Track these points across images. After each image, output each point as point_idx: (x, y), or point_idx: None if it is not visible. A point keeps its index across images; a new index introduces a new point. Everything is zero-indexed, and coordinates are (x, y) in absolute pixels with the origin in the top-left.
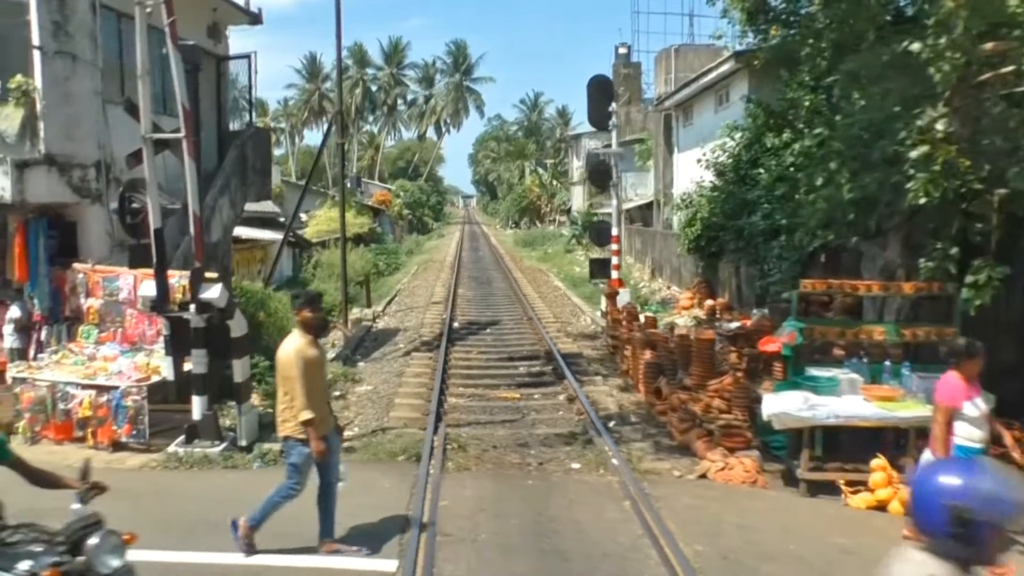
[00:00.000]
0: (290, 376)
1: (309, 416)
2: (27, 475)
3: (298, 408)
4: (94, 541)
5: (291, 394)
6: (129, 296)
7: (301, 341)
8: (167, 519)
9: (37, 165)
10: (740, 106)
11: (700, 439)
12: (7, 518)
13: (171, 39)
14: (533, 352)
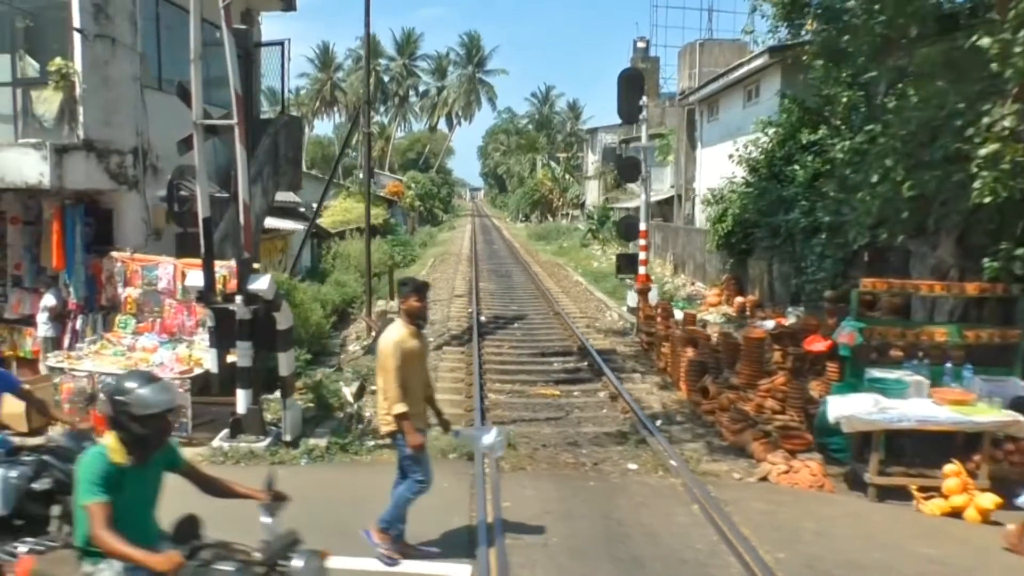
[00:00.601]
0: (386, 367)
1: (403, 409)
2: (199, 483)
3: (391, 401)
4: (298, 564)
5: (387, 386)
6: (168, 286)
7: (404, 331)
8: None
9: (76, 150)
10: (771, 101)
11: (756, 440)
12: (205, 536)
13: (225, 23)
14: (565, 348)
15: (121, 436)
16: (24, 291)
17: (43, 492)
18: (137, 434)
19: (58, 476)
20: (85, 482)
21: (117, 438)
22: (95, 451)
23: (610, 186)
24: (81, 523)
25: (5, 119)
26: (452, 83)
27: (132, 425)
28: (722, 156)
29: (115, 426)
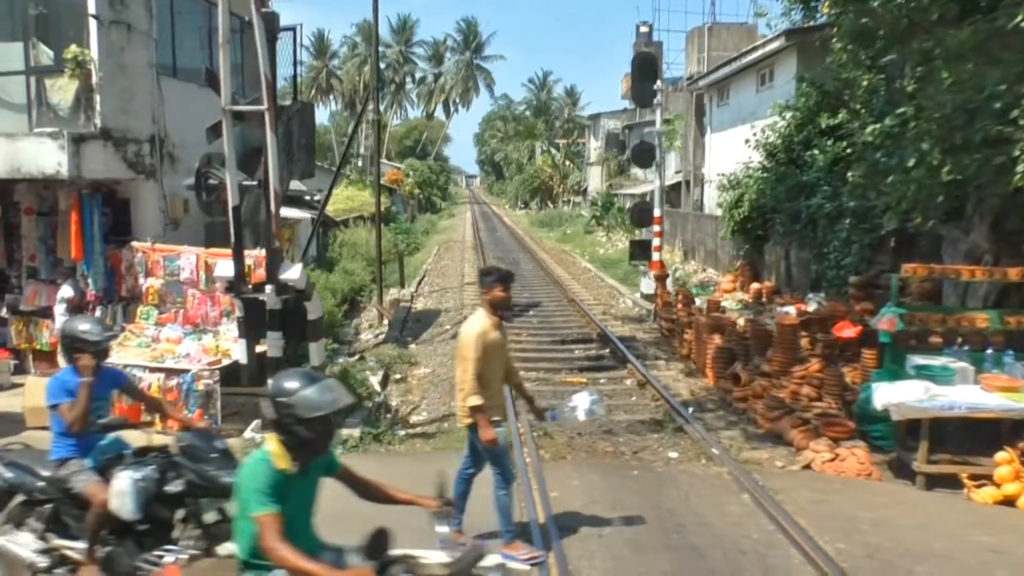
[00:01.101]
0: (466, 357)
1: (478, 402)
2: (356, 488)
3: (467, 392)
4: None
5: (464, 376)
6: (191, 276)
7: (486, 322)
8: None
9: (93, 139)
10: (786, 85)
11: (795, 428)
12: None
13: (255, 6)
14: (584, 335)
15: (285, 440)
16: (40, 283)
17: (173, 495)
18: (303, 438)
19: (190, 478)
20: (253, 491)
21: (280, 443)
22: (259, 458)
23: (613, 172)
24: (245, 534)
25: (18, 108)
26: (449, 69)
27: (298, 429)
28: (733, 141)
29: (279, 430)
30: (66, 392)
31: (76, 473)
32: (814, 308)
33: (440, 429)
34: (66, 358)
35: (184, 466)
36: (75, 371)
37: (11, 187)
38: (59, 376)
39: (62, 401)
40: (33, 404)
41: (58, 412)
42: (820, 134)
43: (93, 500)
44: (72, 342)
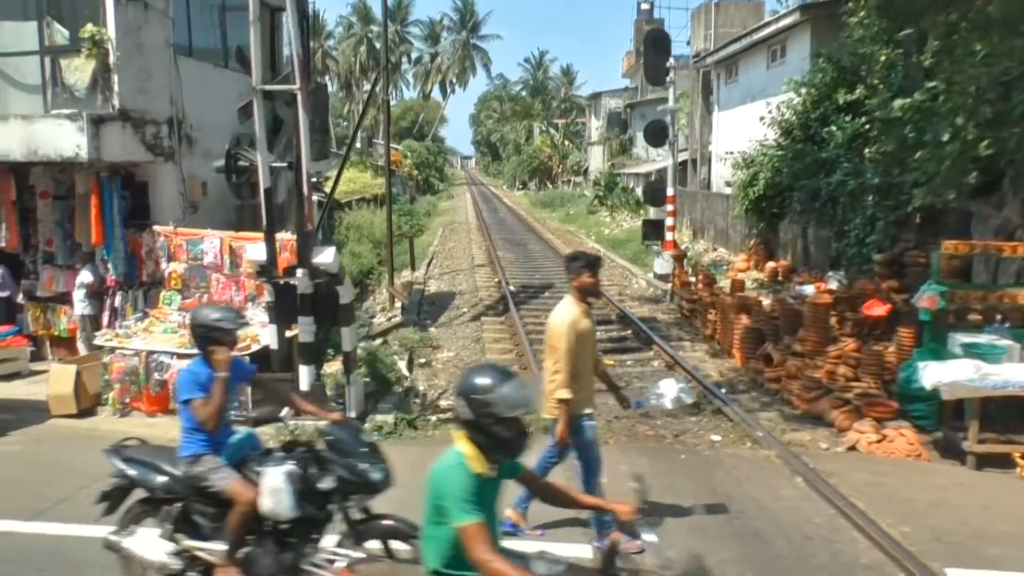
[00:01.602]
0: (559, 348)
1: (567, 396)
2: (538, 490)
3: (558, 384)
4: None
5: (557, 368)
6: (215, 260)
7: (576, 310)
8: None
9: (112, 121)
10: (798, 62)
11: (836, 409)
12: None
13: None
14: (603, 316)
15: (480, 442)
16: (56, 268)
17: (323, 493)
18: (501, 439)
19: (340, 474)
20: (454, 499)
21: (473, 444)
22: (453, 462)
23: (615, 152)
24: (439, 544)
25: (33, 89)
26: (446, 49)
27: (497, 429)
28: (742, 119)
29: (475, 430)
30: (198, 387)
31: (214, 470)
32: (835, 287)
33: None
34: (200, 349)
35: (333, 461)
36: (205, 363)
37: (26, 170)
38: (190, 369)
39: (195, 396)
40: (57, 392)
41: (190, 408)
42: (837, 110)
43: (237, 499)
44: (207, 332)
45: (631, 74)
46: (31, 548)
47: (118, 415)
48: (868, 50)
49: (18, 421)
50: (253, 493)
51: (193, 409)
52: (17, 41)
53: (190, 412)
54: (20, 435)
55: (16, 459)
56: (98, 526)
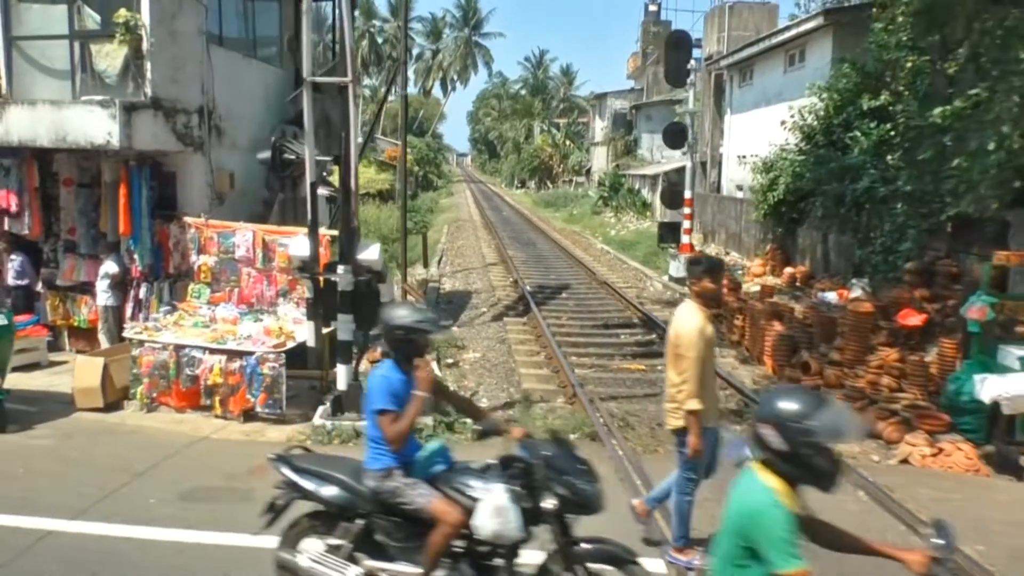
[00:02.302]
0: (688, 356)
1: (697, 407)
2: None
3: (687, 394)
4: None
5: (685, 377)
6: (247, 254)
7: (701, 316)
8: None
9: (144, 109)
10: (815, 66)
11: (883, 420)
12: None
13: None
14: (625, 319)
15: (790, 474)
16: (78, 257)
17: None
18: (819, 471)
19: (561, 492)
20: (779, 543)
21: (780, 477)
22: (767, 499)
23: (620, 153)
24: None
25: (60, 74)
26: (448, 46)
27: (817, 460)
28: (756, 122)
29: (788, 461)
30: (392, 398)
31: (411, 486)
32: (859, 294)
33: (507, 417)
34: (395, 353)
35: (551, 479)
36: (398, 368)
37: (49, 157)
38: (385, 375)
39: (388, 408)
40: (84, 385)
41: (378, 421)
42: (861, 116)
43: (443, 518)
44: (407, 334)
45: (636, 75)
46: (79, 548)
47: (145, 410)
48: (894, 56)
49: (42, 414)
50: (459, 512)
51: (381, 424)
52: (44, 25)
53: (377, 423)
54: (47, 428)
55: (48, 454)
56: (148, 528)
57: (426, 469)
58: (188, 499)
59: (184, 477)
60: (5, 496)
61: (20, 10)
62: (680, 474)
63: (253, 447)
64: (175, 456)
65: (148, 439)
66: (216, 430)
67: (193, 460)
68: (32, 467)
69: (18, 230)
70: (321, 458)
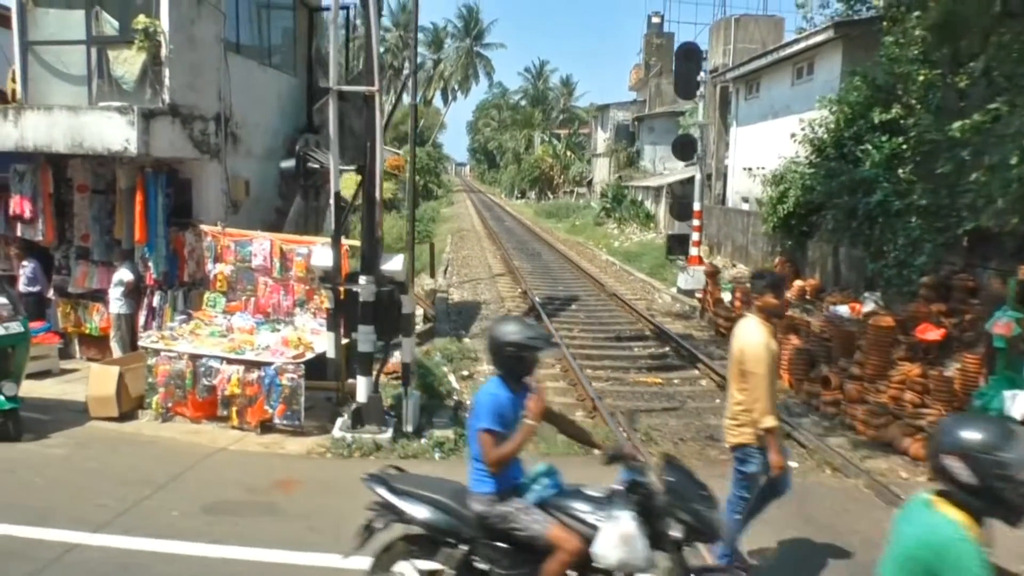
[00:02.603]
0: (757, 372)
1: (773, 423)
2: None
3: (760, 412)
4: None
5: (755, 393)
6: (264, 263)
7: (766, 331)
8: None
9: (162, 116)
10: (824, 79)
11: (908, 437)
12: None
13: None
14: (637, 332)
15: (976, 508)
16: (91, 264)
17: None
18: (1012, 506)
19: (687, 520)
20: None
21: (964, 510)
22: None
23: (622, 164)
24: None
25: (76, 80)
26: (449, 56)
27: (1010, 495)
28: (762, 135)
29: (975, 495)
30: (498, 419)
31: (525, 512)
32: (871, 308)
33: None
34: (504, 371)
35: (676, 506)
36: (506, 386)
37: (63, 163)
38: (493, 392)
39: (493, 429)
40: (98, 393)
41: (481, 439)
42: (872, 129)
43: (562, 546)
44: (519, 351)
45: (638, 87)
46: (104, 562)
47: (160, 420)
48: (905, 69)
49: (56, 422)
50: (578, 540)
51: (483, 442)
52: (61, 30)
53: (479, 441)
54: (62, 437)
55: (65, 463)
56: (173, 541)
57: (535, 493)
58: (212, 512)
59: (206, 489)
60: (25, 507)
61: (37, 15)
62: (734, 492)
63: (273, 459)
64: (195, 468)
65: (166, 450)
66: (233, 441)
67: (213, 472)
68: (50, 477)
69: (31, 236)
70: (419, 478)
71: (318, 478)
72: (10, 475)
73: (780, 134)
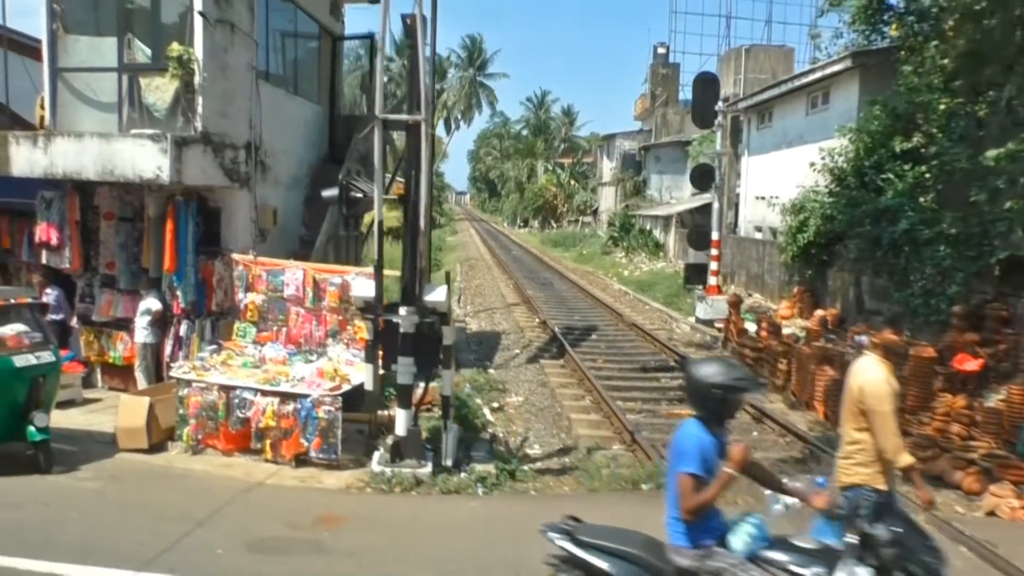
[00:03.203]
0: (881, 411)
1: (910, 460)
2: None
3: (893, 451)
4: None
5: (881, 433)
6: (297, 293)
7: (885, 369)
8: (465, 562)
9: (194, 144)
10: (841, 108)
11: (960, 470)
12: None
13: (419, 7)
14: (661, 362)
15: None
16: (115, 292)
17: None
18: None
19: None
20: None
21: None
22: None
23: (629, 193)
24: None
25: (105, 107)
26: (452, 86)
27: None
28: (775, 164)
29: None
30: (702, 463)
31: (741, 568)
32: None
33: (563, 465)
34: (707, 413)
35: (906, 559)
36: (707, 429)
37: (90, 190)
38: (697, 434)
39: (697, 473)
40: (128, 424)
41: (680, 482)
42: (893, 158)
43: None
44: (726, 394)
45: (644, 117)
46: None
47: (190, 452)
48: (925, 98)
49: (84, 454)
50: None
51: (683, 485)
52: (92, 57)
53: (678, 484)
54: (92, 470)
55: (99, 498)
56: None
57: (745, 546)
58: (257, 550)
59: (247, 526)
60: (65, 543)
61: (67, 42)
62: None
63: (311, 494)
64: (232, 503)
65: (200, 484)
66: (269, 475)
67: (253, 507)
68: (86, 512)
69: (57, 264)
70: (602, 529)
71: (361, 514)
72: (44, 509)
73: (794, 163)
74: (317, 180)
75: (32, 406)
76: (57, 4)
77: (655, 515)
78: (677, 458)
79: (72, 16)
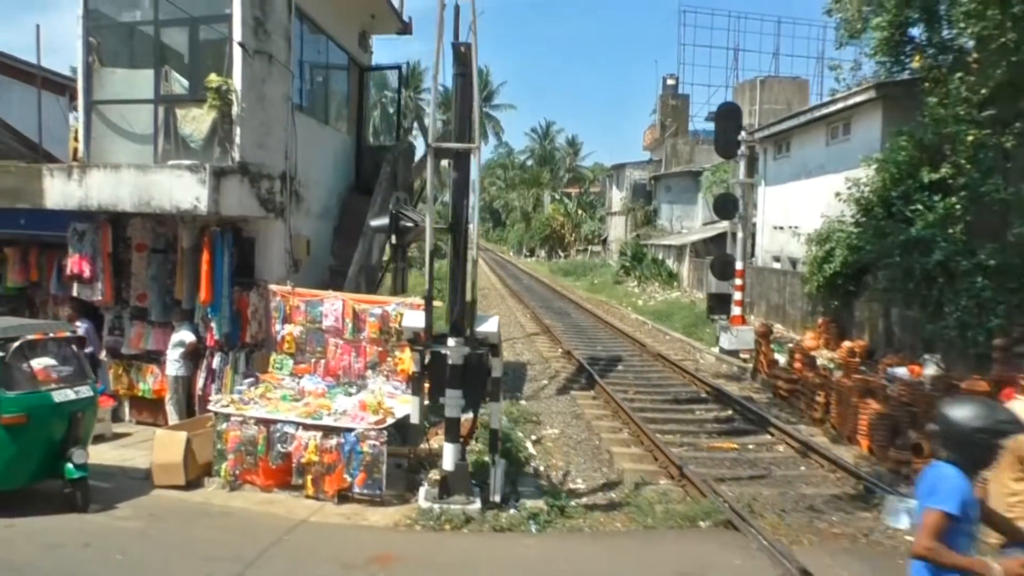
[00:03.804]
0: None
1: None
2: None
3: None
4: None
5: None
6: (336, 324)
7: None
8: None
9: (232, 174)
10: (864, 139)
11: None
12: None
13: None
14: (693, 394)
15: None
16: (147, 324)
17: None
18: None
19: None
20: None
21: None
22: None
23: (639, 222)
24: None
25: (140, 139)
26: None
27: None
28: (794, 194)
29: None
30: (959, 503)
31: None
32: (933, 371)
33: (611, 500)
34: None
35: None
36: (964, 474)
37: (123, 221)
38: (957, 477)
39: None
40: (164, 460)
41: (928, 519)
42: (920, 188)
43: None
44: (990, 438)
45: (653, 147)
46: None
47: (228, 488)
48: (953, 130)
49: (119, 491)
50: None
51: (930, 521)
52: (127, 89)
53: (924, 521)
54: (130, 508)
55: (142, 538)
56: None
57: None
58: None
59: (300, 566)
60: None
61: (103, 75)
62: None
63: (359, 532)
64: (280, 542)
65: (243, 522)
66: (312, 512)
67: (301, 547)
68: (130, 553)
69: (88, 296)
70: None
71: (414, 554)
72: (86, 550)
73: (814, 193)
74: (346, 210)
75: (70, 442)
76: (93, 38)
77: (718, 553)
78: (929, 494)
79: (108, 49)
